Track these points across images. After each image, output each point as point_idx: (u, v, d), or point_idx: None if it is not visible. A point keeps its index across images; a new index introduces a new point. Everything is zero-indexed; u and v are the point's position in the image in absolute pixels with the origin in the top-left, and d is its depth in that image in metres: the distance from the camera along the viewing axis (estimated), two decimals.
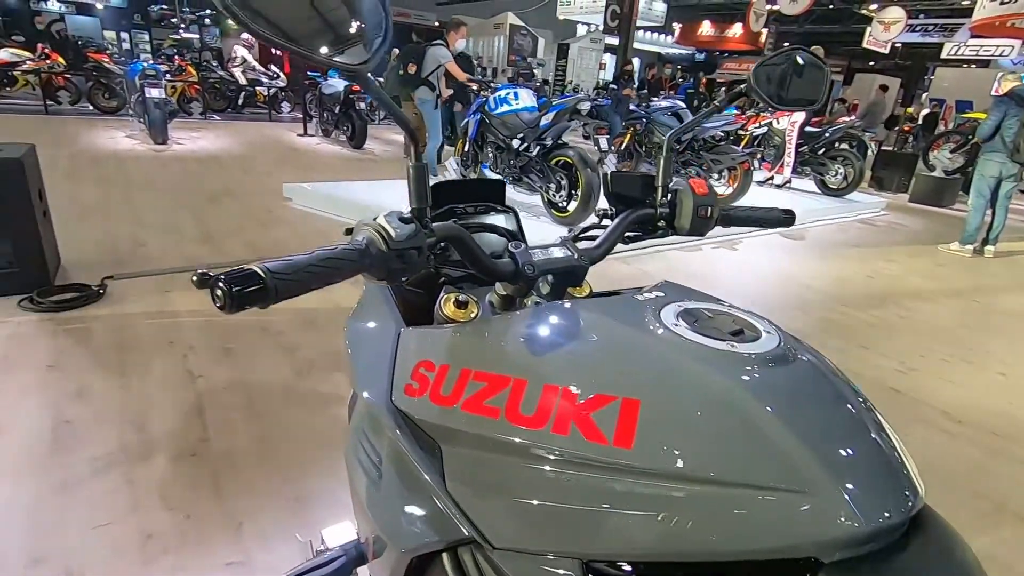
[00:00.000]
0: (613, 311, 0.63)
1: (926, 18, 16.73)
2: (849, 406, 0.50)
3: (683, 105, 6.23)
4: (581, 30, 21.85)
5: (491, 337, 0.64)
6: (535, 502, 0.52)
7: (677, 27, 22.88)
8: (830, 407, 0.50)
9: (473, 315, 0.74)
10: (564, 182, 4.37)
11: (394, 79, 8.21)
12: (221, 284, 0.45)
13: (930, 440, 2.28)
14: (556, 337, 0.60)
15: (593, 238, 0.88)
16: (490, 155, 4.99)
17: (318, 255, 0.53)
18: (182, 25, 28.27)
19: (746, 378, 0.49)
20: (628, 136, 6.66)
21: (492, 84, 5.11)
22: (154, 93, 7.11)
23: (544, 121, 4.39)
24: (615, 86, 9.49)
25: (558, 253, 0.75)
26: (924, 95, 17.05)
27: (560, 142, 4.48)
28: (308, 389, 2.26)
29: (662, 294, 0.65)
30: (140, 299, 2.92)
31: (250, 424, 2.01)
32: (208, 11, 30.25)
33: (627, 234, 0.85)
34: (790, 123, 7.10)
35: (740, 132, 7.02)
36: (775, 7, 14.79)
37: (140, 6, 25.00)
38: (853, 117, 8.47)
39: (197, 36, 27.91)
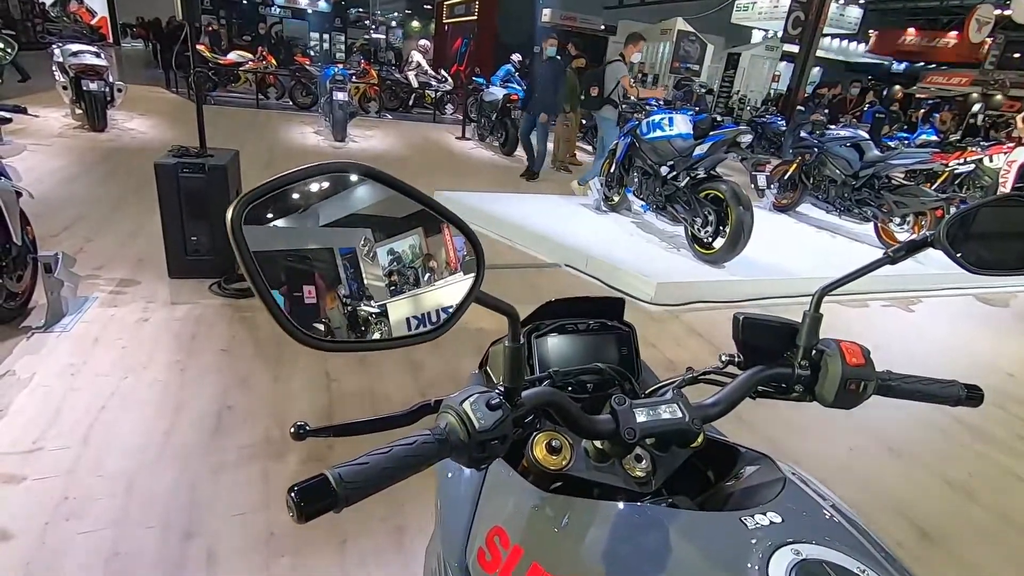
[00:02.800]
0: (713, 542, 0.55)
1: None
2: None
3: (866, 136, 5.50)
4: (756, 36, 20.32)
5: (569, 533, 0.60)
6: None
7: (873, 34, 20.32)
8: None
9: (565, 463, 0.71)
10: (712, 217, 4.10)
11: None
12: (292, 496, 0.46)
13: None
14: (639, 562, 0.54)
15: (716, 383, 0.79)
16: (635, 180, 4.84)
17: (394, 453, 0.52)
18: (372, 27, 31.47)
19: None
20: (795, 165, 6.06)
21: (647, 107, 4.93)
22: (339, 96, 7.98)
23: (698, 151, 4.15)
24: (803, 108, 8.68)
25: (665, 413, 0.68)
26: None
27: (712, 174, 4.21)
28: None
29: (779, 519, 0.56)
30: None
31: (369, 439, 2.16)
32: (395, 14, 33.16)
33: (758, 387, 0.75)
34: (1007, 162, 5.95)
35: (938, 169, 6.04)
36: (1006, 12, 12.49)
37: (340, 10, 28.25)
38: None
39: (384, 37, 30.94)
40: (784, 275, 4.26)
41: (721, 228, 4.09)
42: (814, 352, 0.73)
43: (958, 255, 0.68)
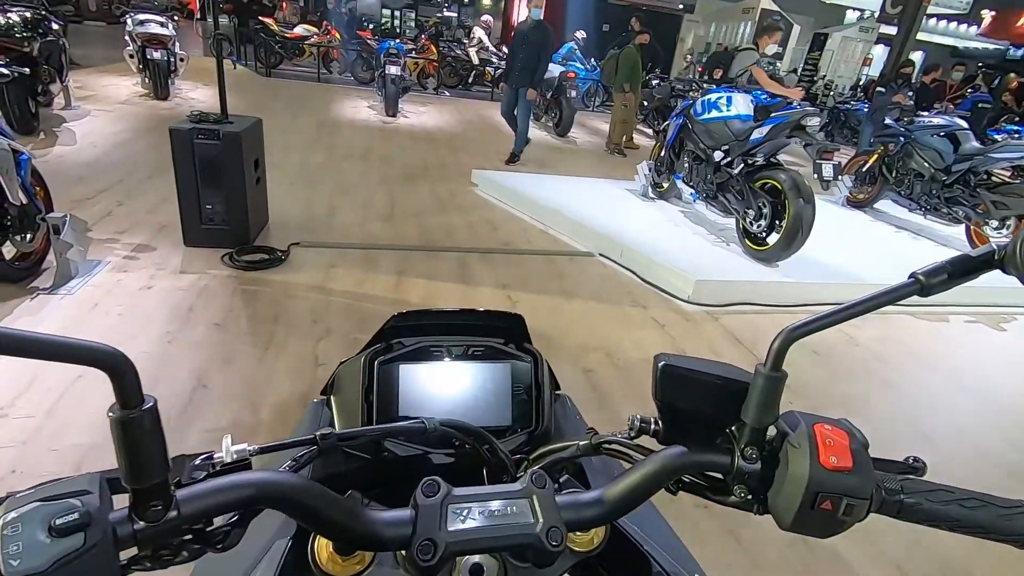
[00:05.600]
0: None
1: None
2: None
3: (963, 124, 4.77)
4: (851, 16, 18.68)
5: None
6: None
7: (987, 15, 18.18)
8: None
9: (361, 569, 0.47)
10: (767, 210, 3.65)
11: (610, 69, 7.91)
12: None
13: None
14: None
15: (621, 455, 0.52)
16: (686, 165, 4.42)
17: None
18: (445, 4, 31.38)
19: None
20: (875, 156, 5.39)
21: (703, 85, 4.47)
22: (392, 70, 7.86)
23: (756, 135, 3.69)
24: (883, 89, 7.80)
25: (504, 514, 0.42)
26: None
27: (772, 161, 3.74)
28: None
29: None
30: (310, 270, 3.17)
31: None
32: None
33: (684, 479, 0.47)
34: None
35: None
36: None
37: None
38: None
39: (456, 15, 30.76)
40: (848, 280, 3.75)
41: (777, 222, 3.63)
42: (771, 435, 0.44)
43: None
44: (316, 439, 0.49)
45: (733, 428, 0.45)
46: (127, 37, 7.52)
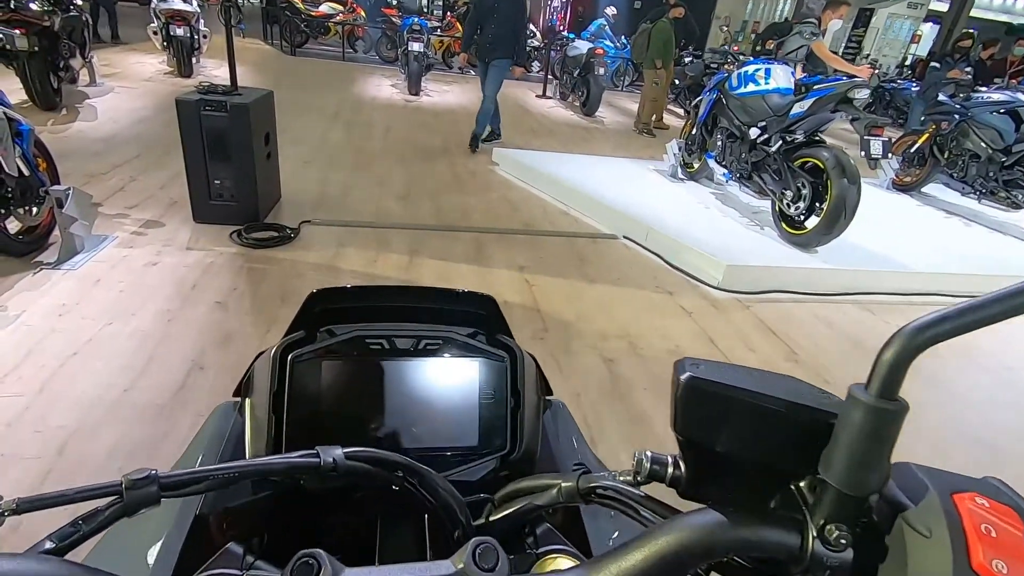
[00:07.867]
0: None
1: None
2: None
3: None
4: None
5: None
6: None
7: None
8: None
9: None
10: (806, 191, 3.38)
11: (642, 44, 7.57)
12: None
13: None
14: None
15: (622, 510, 0.35)
16: (719, 143, 4.15)
17: None
18: None
19: None
20: (926, 136, 5.00)
21: (740, 58, 4.17)
22: (415, 47, 7.66)
23: (797, 109, 3.41)
24: (937, 65, 7.23)
25: None
26: None
27: (815, 138, 3.46)
28: None
29: None
30: (319, 248, 3.05)
31: None
32: None
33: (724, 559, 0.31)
34: None
35: None
36: None
37: None
38: None
39: None
40: (894, 267, 3.47)
41: (817, 204, 3.37)
42: (872, 501, 0.27)
43: None
44: (121, 486, 0.33)
45: (802, 485, 0.28)
46: (152, 13, 7.49)
